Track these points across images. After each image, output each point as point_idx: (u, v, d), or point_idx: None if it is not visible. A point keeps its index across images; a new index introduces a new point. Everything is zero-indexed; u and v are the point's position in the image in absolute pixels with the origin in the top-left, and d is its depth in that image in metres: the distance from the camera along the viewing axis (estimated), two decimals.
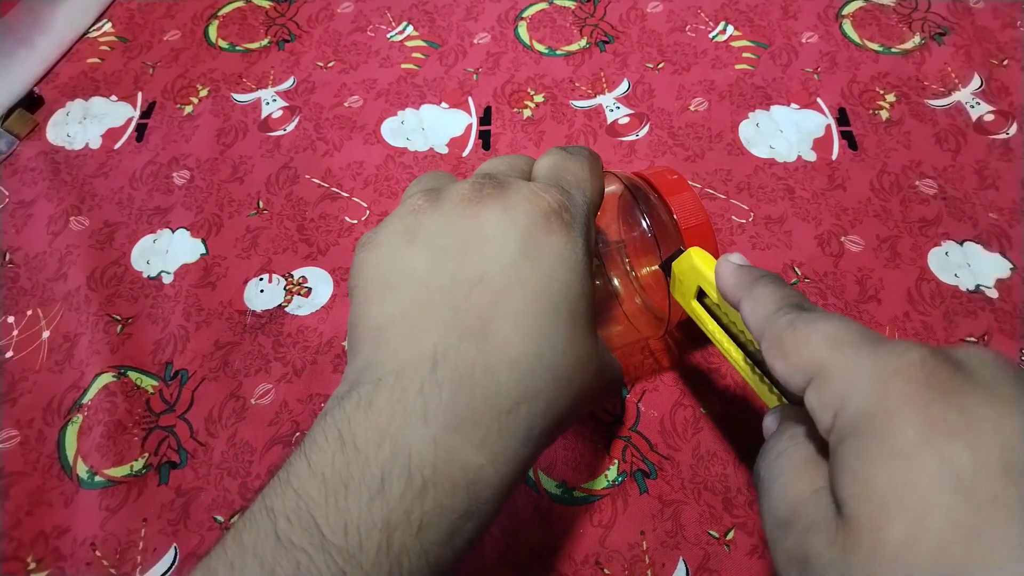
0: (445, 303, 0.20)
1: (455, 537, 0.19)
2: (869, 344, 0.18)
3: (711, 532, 0.31)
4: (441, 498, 0.18)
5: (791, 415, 0.22)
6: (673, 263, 0.28)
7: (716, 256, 0.28)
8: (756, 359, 0.25)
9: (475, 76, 0.49)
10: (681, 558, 0.30)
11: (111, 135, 0.48)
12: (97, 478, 0.34)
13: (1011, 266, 0.37)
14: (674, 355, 0.36)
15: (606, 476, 0.33)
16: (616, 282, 0.32)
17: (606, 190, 0.31)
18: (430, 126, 0.47)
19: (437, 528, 0.18)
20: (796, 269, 0.38)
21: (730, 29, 0.49)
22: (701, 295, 0.28)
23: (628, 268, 0.31)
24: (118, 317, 0.39)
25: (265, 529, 0.18)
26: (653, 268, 0.30)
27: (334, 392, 0.21)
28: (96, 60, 0.53)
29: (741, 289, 0.23)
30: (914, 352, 0.17)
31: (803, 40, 0.48)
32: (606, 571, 0.30)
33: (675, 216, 0.30)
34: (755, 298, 0.22)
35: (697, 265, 0.27)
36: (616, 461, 0.33)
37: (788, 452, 0.20)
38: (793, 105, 0.45)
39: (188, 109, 0.49)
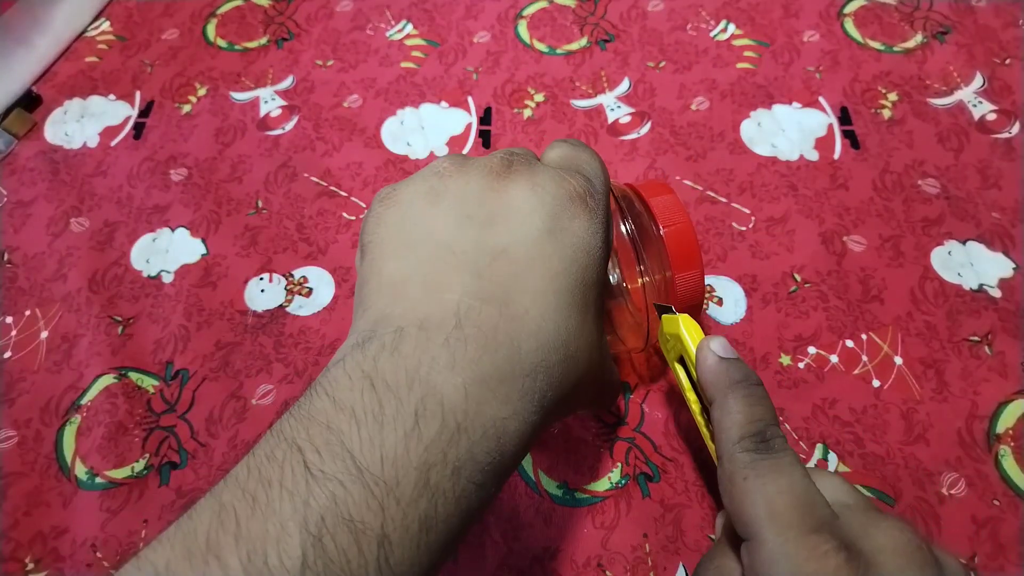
0: (467, 267, 0.20)
1: (482, 488, 0.18)
2: (798, 531, 0.20)
3: (712, 537, 0.31)
4: (473, 446, 0.18)
5: (730, 526, 0.23)
6: (663, 317, 0.28)
7: (695, 249, 0.28)
8: None
9: (475, 75, 0.48)
10: (681, 564, 0.30)
11: (108, 133, 0.48)
12: (98, 479, 0.34)
13: (1014, 266, 0.37)
14: None
15: (609, 478, 0.32)
16: None
17: None
18: (429, 125, 0.46)
19: (470, 475, 0.18)
20: (796, 275, 0.38)
21: (731, 28, 0.49)
22: (684, 360, 0.28)
23: (619, 278, 0.31)
24: (119, 318, 0.39)
25: (292, 462, 0.16)
26: (643, 281, 0.30)
27: (342, 346, 0.20)
28: (94, 59, 0.53)
29: (716, 391, 0.24)
30: (832, 559, 0.19)
31: (805, 39, 0.48)
32: (608, 573, 0.30)
33: (655, 218, 0.30)
34: (726, 411, 0.24)
35: (683, 337, 0.27)
36: (620, 464, 0.33)
37: None
38: (795, 104, 0.45)
39: (186, 108, 0.49)
